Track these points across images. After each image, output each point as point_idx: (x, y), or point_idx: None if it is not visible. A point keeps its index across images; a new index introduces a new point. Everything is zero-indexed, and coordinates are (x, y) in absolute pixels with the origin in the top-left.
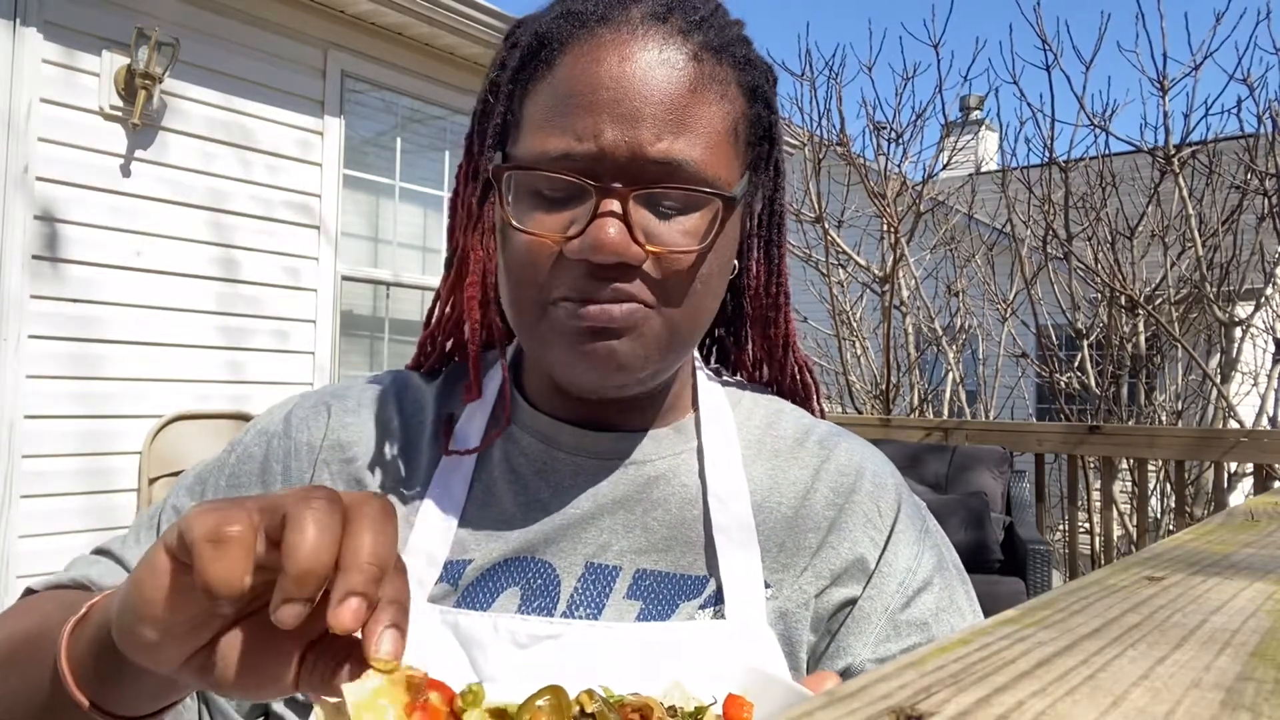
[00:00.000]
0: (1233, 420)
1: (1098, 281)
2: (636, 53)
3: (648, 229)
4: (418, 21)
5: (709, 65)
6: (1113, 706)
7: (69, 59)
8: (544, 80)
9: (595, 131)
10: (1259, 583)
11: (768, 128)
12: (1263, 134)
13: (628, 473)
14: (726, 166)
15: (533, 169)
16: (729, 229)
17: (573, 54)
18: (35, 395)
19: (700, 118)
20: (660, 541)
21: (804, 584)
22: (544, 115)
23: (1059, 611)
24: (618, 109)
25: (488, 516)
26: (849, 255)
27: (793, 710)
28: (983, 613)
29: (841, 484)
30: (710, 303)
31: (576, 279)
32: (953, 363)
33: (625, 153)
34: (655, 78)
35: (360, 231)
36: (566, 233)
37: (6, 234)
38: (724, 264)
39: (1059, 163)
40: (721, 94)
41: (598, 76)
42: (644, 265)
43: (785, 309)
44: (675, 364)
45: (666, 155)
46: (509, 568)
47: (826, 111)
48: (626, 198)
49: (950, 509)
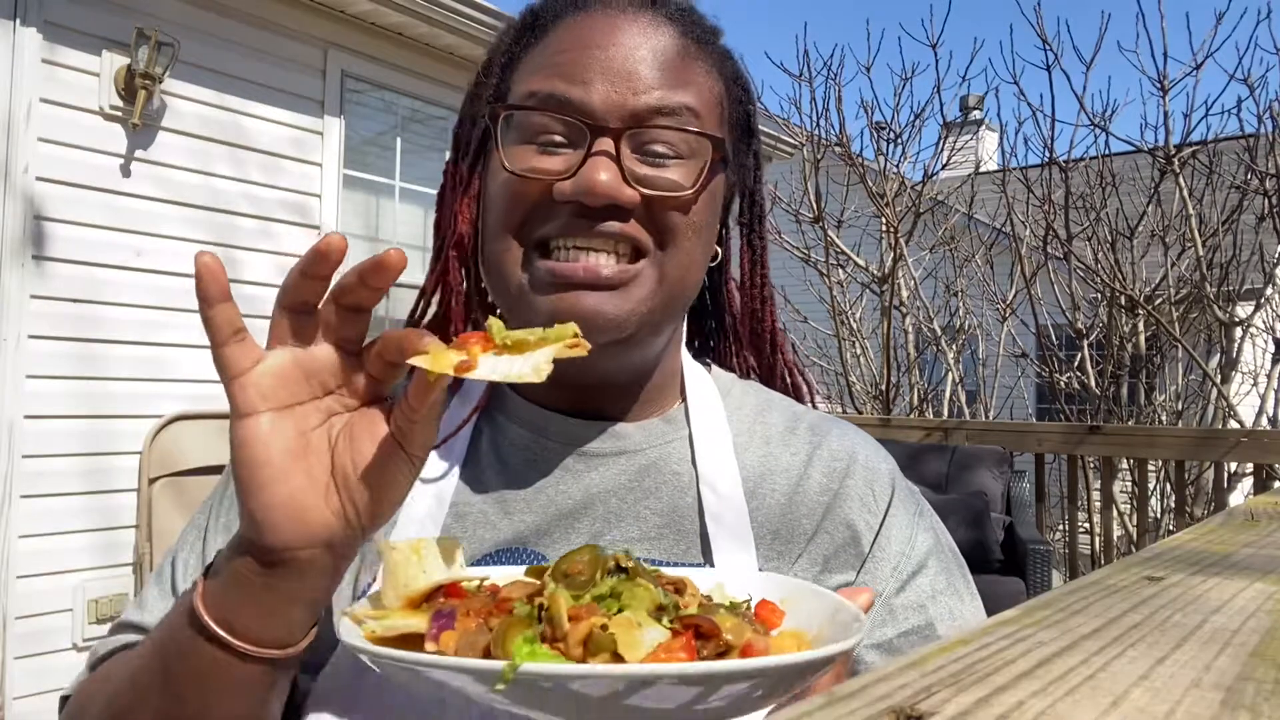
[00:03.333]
0: (1233, 420)
1: (1098, 281)
2: (626, 25)
3: (638, 173)
4: (418, 21)
5: (694, 46)
6: (1113, 706)
7: (69, 59)
8: (535, 48)
9: (585, 79)
10: (1259, 583)
11: (747, 117)
12: (1263, 134)
13: (619, 462)
14: (717, 127)
15: (527, 108)
16: (714, 188)
17: (564, 25)
18: (35, 395)
19: (692, 79)
20: (653, 530)
21: (799, 570)
22: (534, 70)
23: (1059, 611)
24: (610, 64)
25: (476, 505)
26: (848, 255)
27: (793, 710)
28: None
29: (834, 469)
30: (700, 256)
31: (567, 220)
32: (952, 363)
33: (617, 99)
34: (647, 43)
35: (360, 232)
36: (561, 174)
37: (6, 234)
38: (711, 222)
39: (1059, 163)
40: (707, 71)
41: (590, 38)
42: (635, 208)
43: (770, 305)
44: (664, 322)
45: (660, 102)
46: (500, 559)
47: (825, 112)
48: (619, 139)
49: (950, 509)
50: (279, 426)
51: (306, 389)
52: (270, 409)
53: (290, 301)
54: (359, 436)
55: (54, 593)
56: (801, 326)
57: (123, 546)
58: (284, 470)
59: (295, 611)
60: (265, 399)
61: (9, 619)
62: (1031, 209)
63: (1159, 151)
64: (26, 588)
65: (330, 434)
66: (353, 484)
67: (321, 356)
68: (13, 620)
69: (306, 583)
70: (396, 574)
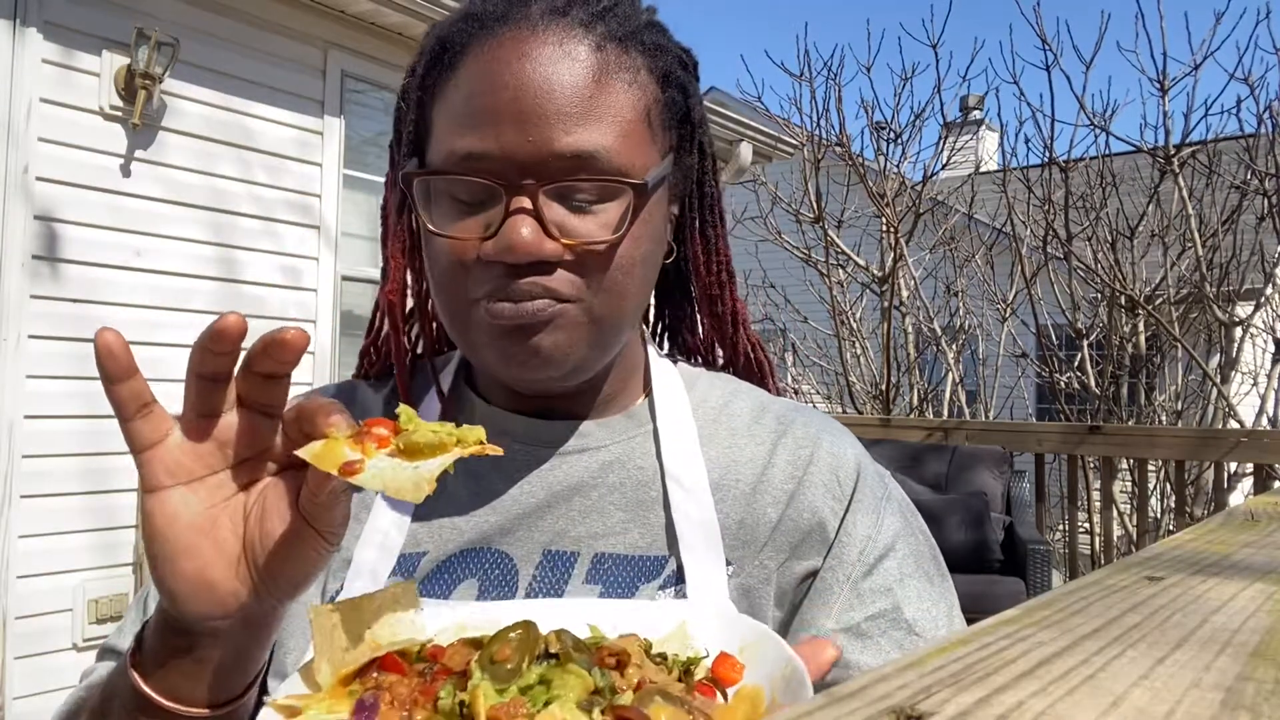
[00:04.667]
0: (1233, 420)
1: (1098, 281)
2: (535, 49)
3: (562, 223)
4: (418, 21)
5: (614, 54)
6: (1113, 706)
7: (69, 59)
8: (449, 84)
9: (497, 132)
10: (1259, 583)
11: (685, 111)
12: (1263, 134)
13: (581, 459)
14: (640, 153)
15: (441, 173)
16: (649, 215)
17: (474, 55)
18: (35, 395)
19: (608, 107)
20: (617, 525)
21: (765, 559)
22: (450, 118)
23: (1059, 611)
24: (519, 107)
25: (441, 510)
26: (848, 255)
27: (792, 711)
28: (983, 613)
29: (799, 456)
30: (635, 289)
31: (496, 279)
32: (952, 363)
33: (530, 150)
34: (557, 73)
35: (360, 231)
36: (483, 234)
37: (6, 234)
38: (649, 251)
39: (1059, 163)
40: (630, 81)
41: (499, 76)
42: (563, 259)
43: (730, 287)
44: (607, 352)
45: (574, 148)
46: (465, 559)
47: (825, 112)
48: (536, 194)
49: (950, 509)
50: (187, 501)
51: (220, 458)
52: (178, 483)
53: (199, 371)
54: (270, 510)
55: (54, 593)
56: (801, 326)
57: (123, 546)
58: (192, 545)
59: (225, 674)
60: (172, 474)
61: (9, 619)
62: (1031, 209)
63: (1159, 151)
64: (26, 588)
65: (246, 504)
66: (262, 558)
67: (237, 423)
68: (13, 620)
69: (230, 648)
70: (327, 644)
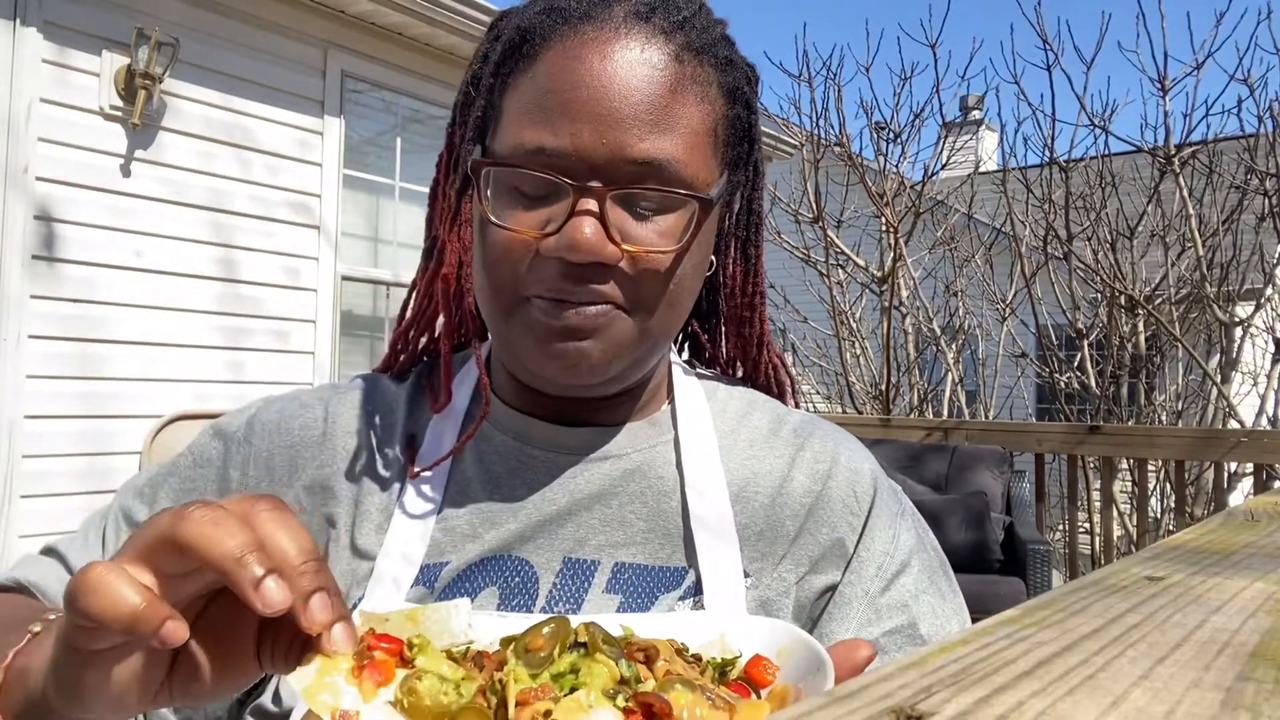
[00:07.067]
0: (1233, 420)
1: (1098, 281)
2: (617, 51)
3: (624, 228)
4: (418, 21)
5: (690, 66)
6: (1113, 706)
7: (69, 59)
8: (525, 75)
9: (573, 130)
10: (1259, 583)
11: (747, 128)
12: (1263, 134)
13: (603, 467)
14: (705, 167)
15: (510, 165)
16: (706, 229)
17: (554, 50)
18: (35, 395)
19: (680, 118)
20: (638, 534)
21: (784, 572)
22: (523, 110)
23: (1059, 611)
24: (597, 108)
25: (463, 517)
26: (848, 255)
27: (793, 710)
28: (983, 613)
29: (817, 470)
30: (685, 301)
31: (551, 277)
32: (952, 363)
33: (603, 152)
34: (636, 77)
35: (360, 231)
36: (543, 230)
37: (6, 234)
38: (699, 264)
39: (1059, 162)
40: (702, 95)
41: (578, 74)
42: (619, 264)
43: (761, 309)
44: (648, 363)
45: (645, 155)
46: (486, 567)
47: (825, 112)
48: (604, 197)
49: (950, 509)
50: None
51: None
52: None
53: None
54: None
55: None
56: (801, 326)
57: None
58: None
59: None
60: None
61: None
62: (1031, 209)
63: (1159, 151)
64: None
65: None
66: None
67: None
68: None
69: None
70: None
